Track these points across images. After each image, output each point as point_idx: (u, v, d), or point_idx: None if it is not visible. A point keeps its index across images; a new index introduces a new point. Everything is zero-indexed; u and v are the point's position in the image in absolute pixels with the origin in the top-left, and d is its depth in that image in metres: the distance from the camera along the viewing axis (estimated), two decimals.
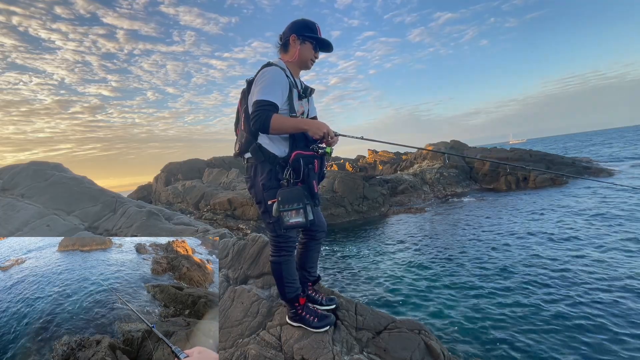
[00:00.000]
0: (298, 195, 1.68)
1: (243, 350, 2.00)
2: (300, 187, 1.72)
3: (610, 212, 9.88)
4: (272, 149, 1.79)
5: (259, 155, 1.79)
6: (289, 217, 1.68)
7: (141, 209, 7.55)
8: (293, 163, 1.74)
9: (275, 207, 1.70)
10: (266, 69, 1.77)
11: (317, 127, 1.69)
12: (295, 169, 1.74)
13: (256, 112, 1.61)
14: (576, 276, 5.67)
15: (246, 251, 3.01)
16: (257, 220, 15.71)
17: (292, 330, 2.07)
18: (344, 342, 2.04)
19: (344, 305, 2.41)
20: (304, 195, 1.69)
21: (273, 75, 1.72)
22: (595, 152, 35.28)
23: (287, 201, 1.67)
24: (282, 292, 2.01)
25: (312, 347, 1.92)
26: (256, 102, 1.63)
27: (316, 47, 1.89)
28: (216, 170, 25.78)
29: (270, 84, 1.68)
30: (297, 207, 1.67)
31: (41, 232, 6.25)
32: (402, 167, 24.48)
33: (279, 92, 1.69)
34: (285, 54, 1.91)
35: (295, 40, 1.85)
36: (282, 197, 1.68)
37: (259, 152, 1.78)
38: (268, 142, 1.80)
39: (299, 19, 1.90)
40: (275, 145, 1.80)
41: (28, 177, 7.99)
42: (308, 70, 1.98)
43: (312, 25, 1.85)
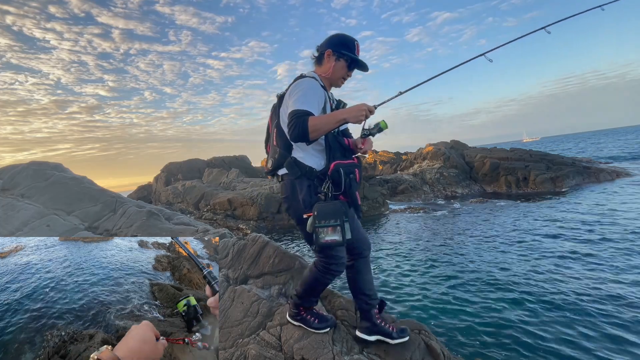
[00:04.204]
0: (336, 211, 1.56)
1: (243, 350, 2.00)
2: (339, 201, 1.61)
3: (614, 212, 9.88)
4: (308, 162, 1.70)
5: (295, 170, 1.69)
6: (324, 234, 1.55)
7: (141, 209, 7.55)
8: (332, 174, 1.63)
9: (310, 221, 1.59)
10: (301, 80, 1.72)
11: (356, 111, 1.58)
12: (335, 180, 1.63)
13: (292, 121, 1.53)
14: (579, 277, 5.67)
15: (246, 251, 3.01)
16: (257, 220, 15.72)
17: (292, 330, 2.07)
18: (344, 342, 2.04)
19: (343, 305, 2.41)
20: (343, 211, 1.57)
21: (309, 86, 1.66)
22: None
23: (324, 216, 1.55)
24: (303, 296, 1.93)
25: (312, 347, 1.92)
26: (292, 112, 1.56)
27: (350, 66, 1.82)
28: (216, 170, 25.78)
29: (306, 94, 1.62)
30: (334, 224, 1.54)
31: (41, 232, 6.25)
32: (402, 167, 24.48)
33: (315, 102, 1.63)
34: (319, 67, 1.85)
35: (330, 56, 1.79)
36: (318, 212, 1.56)
37: (295, 166, 1.69)
38: (303, 155, 1.71)
39: (338, 34, 1.84)
40: (311, 158, 1.71)
41: (28, 177, 7.99)
42: (338, 88, 1.91)
43: (350, 43, 1.79)
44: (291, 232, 13.95)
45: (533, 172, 17.85)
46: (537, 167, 18.33)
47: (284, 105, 1.75)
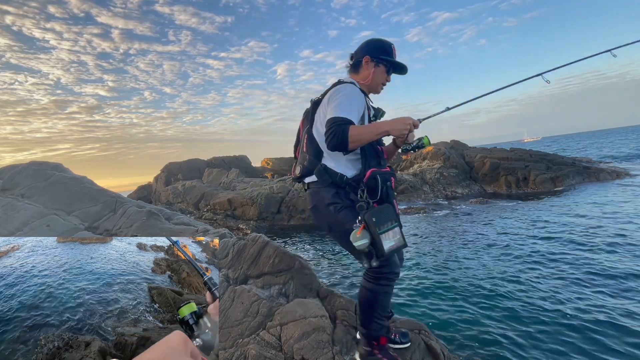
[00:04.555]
0: (390, 213, 1.50)
1: (243, 350, 2.00)
2: (385, 204, 1.55)
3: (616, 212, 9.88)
4: (339, 169, 1.64)
5: (326, 178, 1.63)
6: (388, 240, 1.45)
7: (141, 209, 7.55)
8: (369, 182, 1.57)
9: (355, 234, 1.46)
10: (341, 85, 1.65)
11: (400, 125, 1.52)
12: (372, 187, 1.57)
13: (331, 128, 1.46)
14: (581, 279, 5.67)
15: (246, 251, 3.01)
16: (257, 220, 15.72)
17: (292, 330, 2.07)
18: (344, 342, 2.04)
19: (343, 305, 2.41)
20: (395, 212, 1.53)
21: (350, 92, 1.60)
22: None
23: (382, 221, 1.46)
24: (367, 325, 1.72)
25: (312, 347, 1.92)
26: (331, 120, 1.49)
27: (389, 71, 1.77)
28: (216, 170, 25.78)
29: (346, 101, 1.55)
30: (393, 227, 1.48)
31: (41, 232, 6.25)
32: (402, 167, 24.48)
33: (355, 110, 1.55)
34: (355, 74, 1.79)
35: (368, 62, 1.73)
36: (376, 218, 1.45)
37: (325, 174, 1.63)
38: (333, 163, 1.65)
39: (374, 39, 1.77)
40: (342, 166, 1.65)
41: (28, 177, 7.99)
42: (377, 94, 1.85)
43: (388, 48, 1.73)
44: (291, 232, 13.95)
45: (533, 172, 17.85)
46: (537, 167, 18.32)
47: (319, 111, 1.69)
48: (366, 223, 1.46)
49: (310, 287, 2.72)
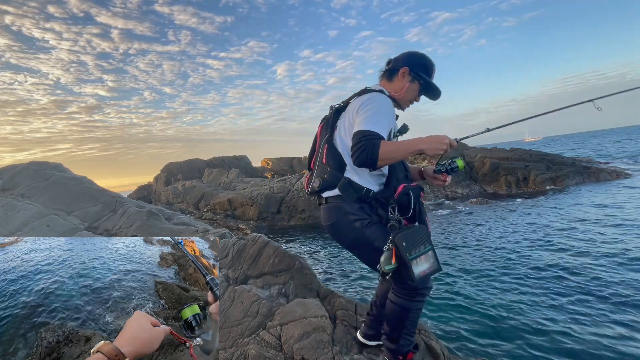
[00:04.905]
0: (423, 235, 1.40)
1: (243, 350, 2.00)
2: (419, 225, 1.46)
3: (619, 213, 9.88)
4: (364, 184, 1.52)
5: (350, 193, 1.50)
6: (420, 266, 1.36)
7: (141, 209, 7.55)
8: (401, 197, 1.46)
9: (386, 255, 1.37)
10: (373, 95, 1.52)
11: (436, 144, 1.40)
12: (403, 204, 1.46)
13: (361, 142, 1.35)
14: (582, 280, 5.67)
15: (246, 251, 3.01)
16: (257, 220, 15.72)
17: (292, 330, 2.07)
18: (344, 342, 2.04)
19: (343, 305, 2.41)
20: (428, 234, 1.42)
21: (383, 104, 1.49)
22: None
23: (414, 245, 1.36)
24: (395, 339, 1.64)
25: (312, 347, 1.92)
26: (360, 133, 1.38)
27: (422, 92, 1.67)
28: (216, 170, 25.79)
29: (378, 114, 1.44)
30: (425, 251, 1.38)
31: (41, 232, 6.25)
32: None
33: (386, 124, 1.44)
34: (388, 82, 1.68)
35: (406, 74, 1.62)
36: (406, 241, 1.35)
37: (350, 188, 1.50)
38: (358, 177, 1.53)
39: (419, 53, 1.67)
40: (366, 180, 1.53)
41: (28, 177, 7.99)
42: (402, 111, 1.74)
43: (430, 67, 1.63)
44: (291, 232, 13.95)
45: (533, 172, 17.85)
46: (537, 167, 18.33)
47: (344, 120, 1.57)
48: (396, 246, 1.36)
49: (310, 287, 2.72)
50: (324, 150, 1.61)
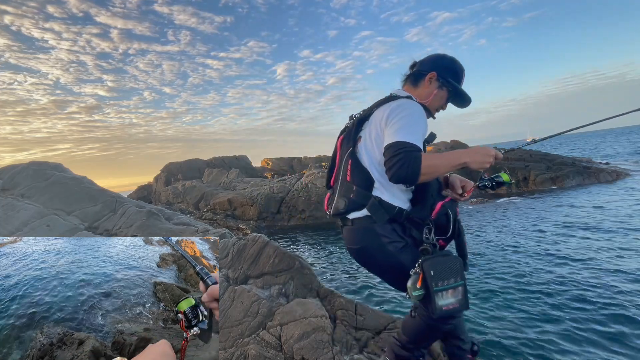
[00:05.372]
0: (455, 268, 1.25)
1: (243, 350, 2.00)
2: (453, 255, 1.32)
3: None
4: (395, 202, 1.37)
5: (382, 214, 1.34)
6: (444, 300, 1.22)
7: (141, 209, 7.55)
8: (439, 218, 1.34)
9: (412, 280, 1.26)
10: (403, 101, 1.37)
11: (482, 156, 1.29)
12: (442, 224, 1.34)
13: (398, 155, 1.20)
14: (580, 277, 5.67)
15: (246, 251, 3.01)
16: (257, 220, 15.73)
17: (292, 330, 2.07)
18: (344, 342, 2.04)
19: (343, 305, 2.41)
20: (462, 267, 1.28)
21: (415, 112, 1.33)
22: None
23: (443, 275, 1.22)
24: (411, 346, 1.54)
25: (312, 347, 1.92)
26: (396, 145, 1.22)
27: (450, 99, 1.53)
28: (216, 170, 25.79)
29: (412, 123, 1.29)
30: (455, 285, 1.23)
31: (41, 232, 6.25)
32: None
33: (420, 135, 1.29)
34: (413, 88, 1.52)
35: (433, 80, 1.47)
36: (435, 270, 1.22)
37: (381, 209, 1.34)
38: (388, 195, 1.37)
39: (447, 56, 1.52)
40: (397, 198, 1.38)
41: (28, 177, 7.99)
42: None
43: (460, 72, 1.49)
44: (291, 232, 13.95)
45: (533, 172, 17.85)
46: (537, 167, 18.33)
47: (370, 131, 1.41)
48: (423, 272, 1.24)
49: (310, 287, 2.72)
50: (348, 165, 1.44)
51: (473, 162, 1.28)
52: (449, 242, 1.39)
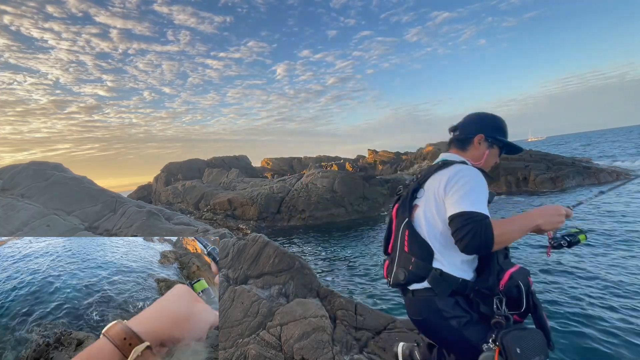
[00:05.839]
0: (541, 343, 1.18)
1: (243, 350, 2.00)
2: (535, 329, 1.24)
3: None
4: (458, 272, 1.32)
5: (444, 287, 1.30)
6: None
7: (141, 209, 7.55)
8: (509, 289, 1.25)
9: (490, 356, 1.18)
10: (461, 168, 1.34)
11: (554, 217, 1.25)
12: (513, 297, 1.25)
13: (467, 226, 1.17)
14: (579, 279, 5.67)
15: (246, 251, 3.01)
16: (257, 220, 15.73)
17: (292, 330, 2.07)
18: (344, 342, 2.04)
19: (343, 305, 2.42)
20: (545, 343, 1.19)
21: (477, 179, 1.30)
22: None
23: (531, 352, 1.14)
24: None
25: (312, 347, 1.92)
26: (463, 215, 1.20)
27: (501, 153, 1.53)
28: (216, 170, 25.79)
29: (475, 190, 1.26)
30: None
31: (41, 232, 6.25)
32: (402, 167, 24.47)
33: (485, 202, 1.26)
34: (462, 151, 1.51)
35: (482, 142, 1.47)
36: (522, 347, 1.13)
37: (443, 282, 1.30)
38: (449, 266, 1.32)
39: (487, 115, 1.53)
40: (458, 268, 1.33)
41: (28, 177, 7.99)
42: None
43: (504, 127, 1.50)
44: (291, 232, 13.95)
45: (533, 172, 17.86)
46: (537, 167, 18.34)
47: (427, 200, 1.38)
48: (504, 349, 1.14)
49: (310, 287, 2.72)
50: (405, 236, 1.41)
51: (546, 223, 1.25)
52: (524, 317, 1.30)
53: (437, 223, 1.34)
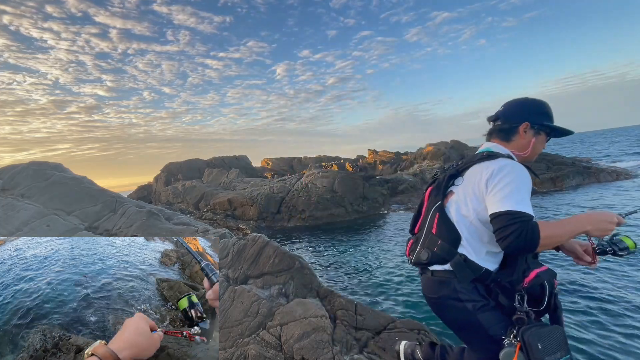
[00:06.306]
0: (563, 339, 1.17)
1: (243, 350, 2.00)
2: (556, 326, 1.24)
3: None
4: (482, 262, 1.32)
5: (466, 274, 1.31)
6: None
7: (141, 209, 7.55)
8: (532, 287, 1.26)
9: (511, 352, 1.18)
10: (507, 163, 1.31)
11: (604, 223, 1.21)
12: (535, 295, 1.27)
13: (513, 225, 1.15)
14: (579, 278, 5.67)
15: (246, 251, 3.01)
16: (257, 220, 15.73)
17: (292, 330, 2.07)
18: (344, 342, 2.04)
19: (343, 305, 2.42)
20: (566, 339, 1.19)
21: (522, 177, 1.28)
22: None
23: (551, 350, 1.13)
24: None
25: (312, 347, 1.92)
26: (510, 214, 1.17)
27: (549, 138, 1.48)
28: (216, 170, 25.79)
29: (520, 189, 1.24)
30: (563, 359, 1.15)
31: (41, 232, 6.25)
32: (402, 167, 24.48)
33: (530, 203, 1.23)
34: (505, 142, 1.47)
35: (528, 130, 1.42)
36: (543, 343, 1.14)
37: (466, 268, 1.31)
38: (475, 255, 1.32)
39: (530, 101, 1.47)
40: (483, 259, 1.33)
41: (28, 177, 7.99)
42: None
43: (550, 110, 1.44)
44: (291, 232, 13.95)
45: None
46: (536, 167, 18.34)
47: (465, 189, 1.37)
48: (525, 345, 1.14)
49: (310, 287, 2.72)
50: (435, 218, 1.42)
51: (595, 229, 1.21)
52: (541, 315, 1.31)
53: (470, 213, 1.34)
